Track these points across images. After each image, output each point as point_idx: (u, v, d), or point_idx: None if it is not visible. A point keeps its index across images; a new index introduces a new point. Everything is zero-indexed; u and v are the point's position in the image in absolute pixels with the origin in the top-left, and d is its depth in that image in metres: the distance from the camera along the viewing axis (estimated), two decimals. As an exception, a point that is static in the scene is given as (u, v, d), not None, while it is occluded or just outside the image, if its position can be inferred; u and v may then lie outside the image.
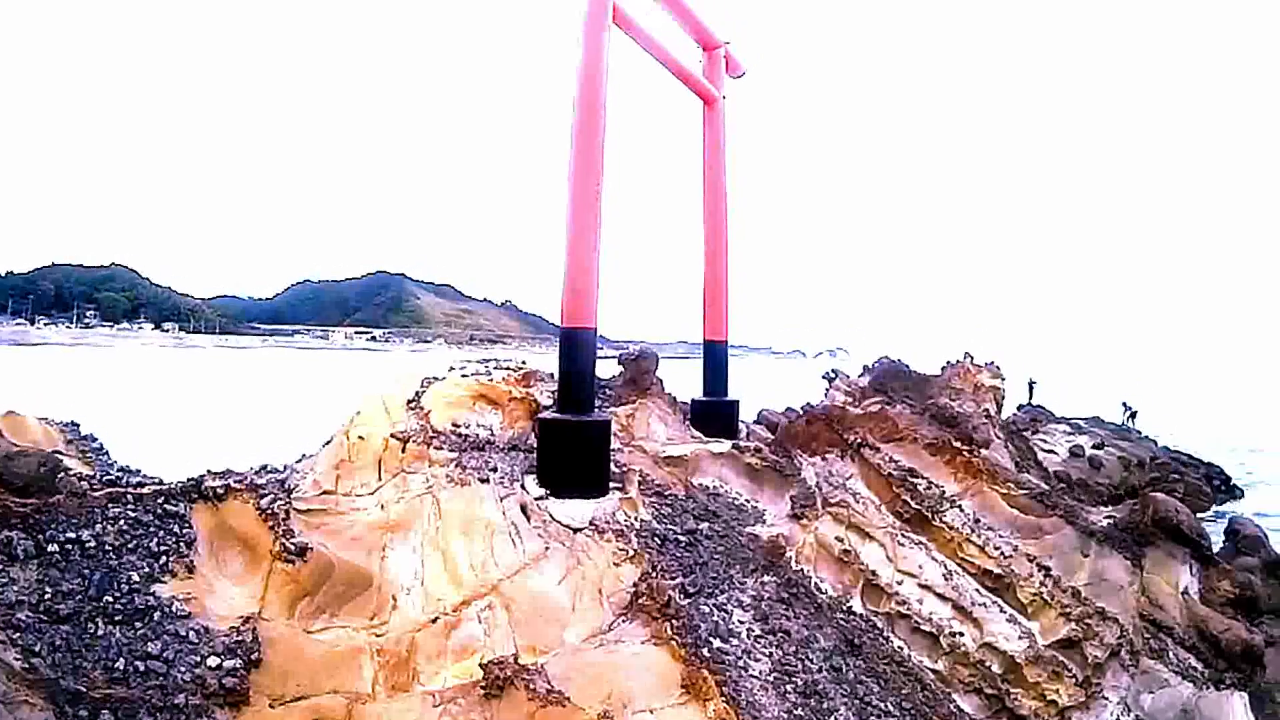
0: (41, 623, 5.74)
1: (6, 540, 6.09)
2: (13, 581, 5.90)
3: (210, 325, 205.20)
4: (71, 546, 6.31)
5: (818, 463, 10.77)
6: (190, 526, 6.97)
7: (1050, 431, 28.41)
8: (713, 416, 12.98)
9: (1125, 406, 37.06)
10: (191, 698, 5.75)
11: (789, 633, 8.10)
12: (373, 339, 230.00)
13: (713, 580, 8.34)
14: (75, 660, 5.67)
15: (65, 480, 6.77)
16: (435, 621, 7.08)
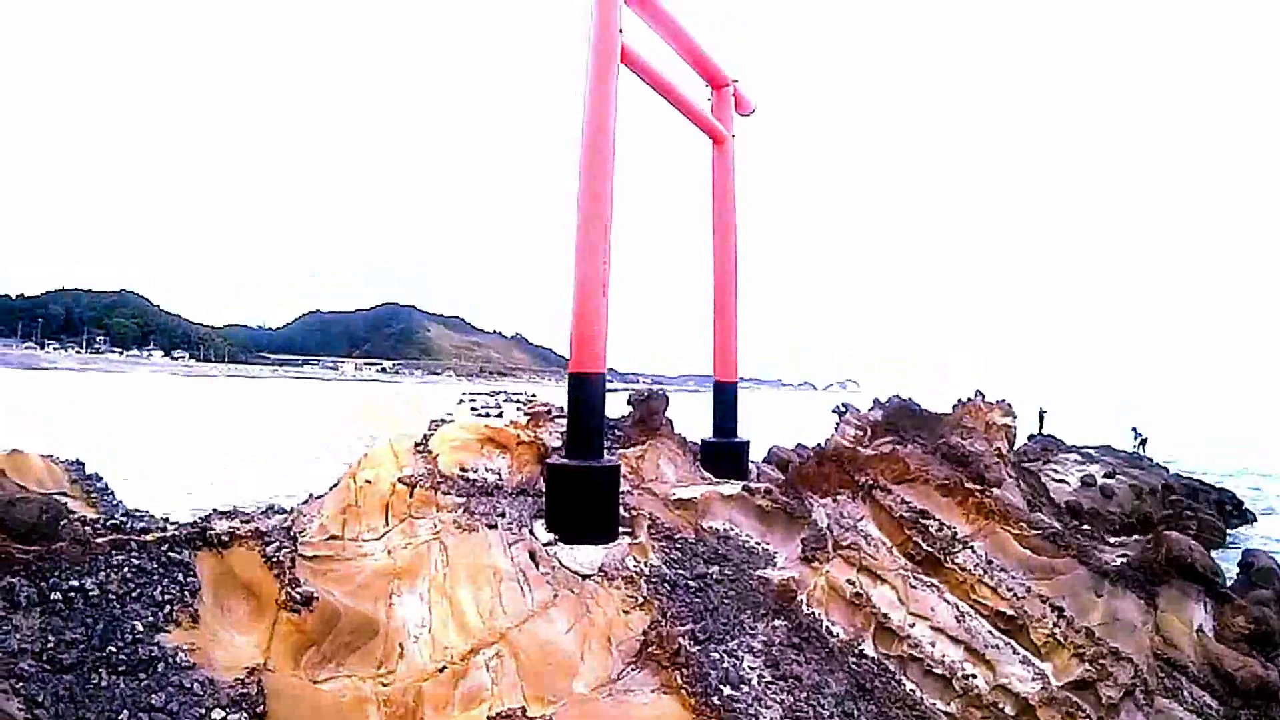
0: (45, 672, 5.68)
1: (9, 587, 6.05)
2: (15, 630, 5.86)
3: (220, 354, 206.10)
4: (75, 595, 6.27)
5: (829, 504, 10.67)
6: (194, 575, 6.93)
7: (1062, 461, 28.21)
8: (723, 457, 12.90)
9: (1135, 433, 36.77)
10: (196, 753, 5.70)
11: (800, 678, 7.97)
12: (382, 370, 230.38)
13: (723, 626, 8.23)
14: (79, 711, 5.60)
15: (68, 527, 6.75)
16: (442, 671, 6.99)
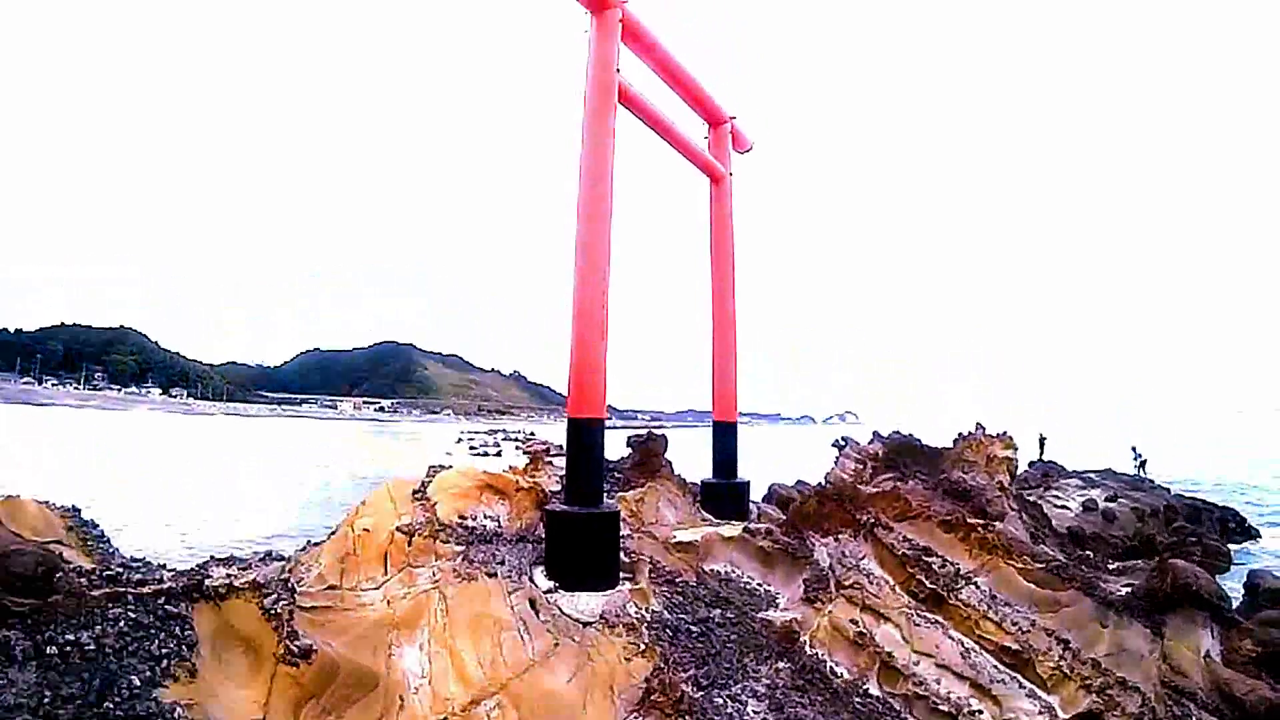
0: (42, 728, 5.62)
1: (5, 641, 6.00)
2: (11, 684, 5.80)
3: (219, 391, 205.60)
4: (71, 649, 6.21)
5: (830, 543, 10.60)
6: (191, 628, 6.86)
7: (1063, 487, 28.09)
8: (723, 498, 12.87)
9: (1135, 452, 36.64)
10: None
11: (805, 721, 7.90)
12: (381, 409, 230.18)
13: (726, 670, 8.15)
14: (76, 768, 5.55)
15: (64, 579, 6.68)
16: (443, 722, 6.90)
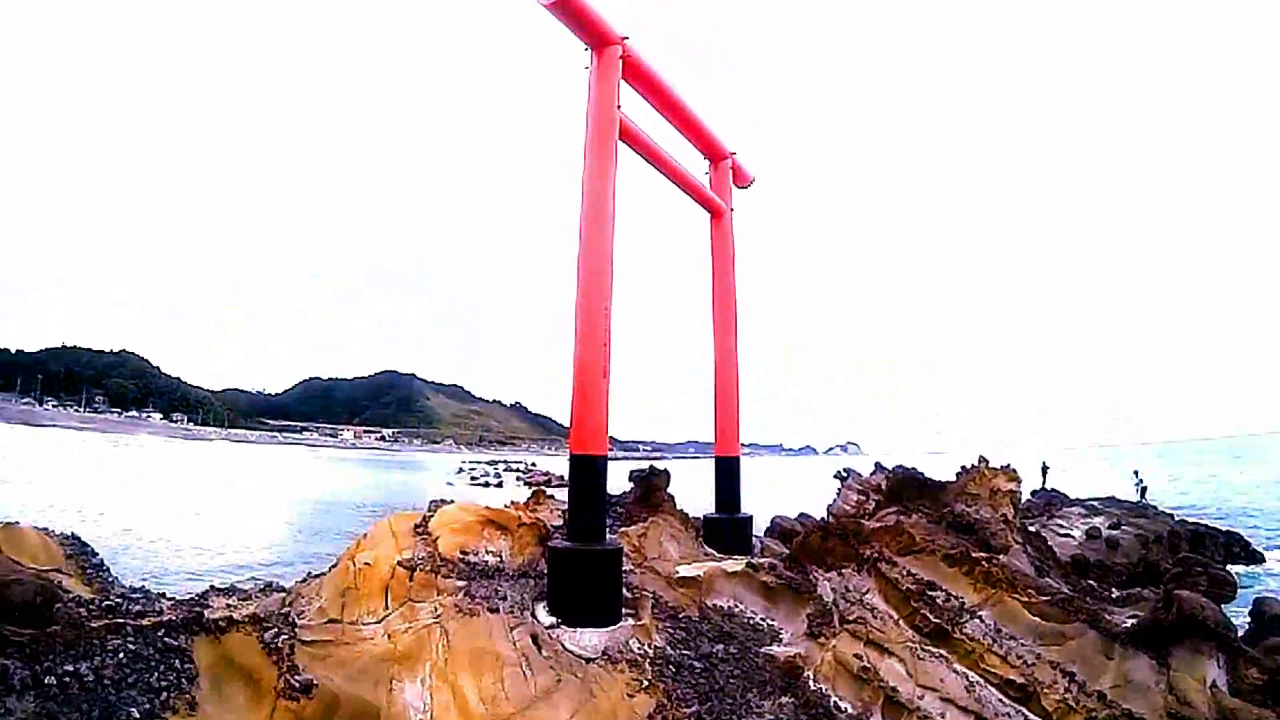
0: (39, 759, 5.59)
1: (3, 670, 5.97)
2: (9, 713, 5.77)
3: (219, 418, 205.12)
4: (70, 680, 6.18)
5: (834, 578, 10.51)
6: (191, 661, 6.83)
7: (1066, 515, 27.93)
8: (726, 533, 12.81)
9: (1136, 477, 36.49)
10: None
11: (809, 757, 7.81)
12: (382, 438, 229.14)
13: (729, 706, 8.06)
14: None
15: (64, 609, 6.66)
16: (444, 759, 6.83)
